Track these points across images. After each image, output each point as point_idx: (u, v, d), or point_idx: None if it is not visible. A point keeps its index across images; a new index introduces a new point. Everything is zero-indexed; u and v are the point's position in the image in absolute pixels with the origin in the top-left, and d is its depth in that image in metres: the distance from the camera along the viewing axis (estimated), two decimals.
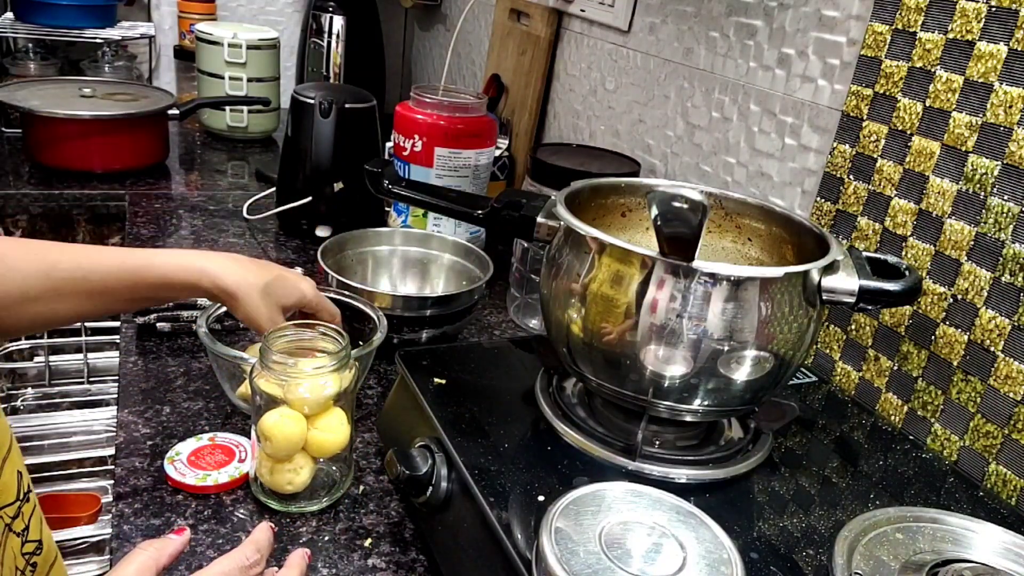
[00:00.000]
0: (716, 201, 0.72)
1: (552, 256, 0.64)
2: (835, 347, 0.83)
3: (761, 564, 0.53)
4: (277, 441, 0.64)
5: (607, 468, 0.60)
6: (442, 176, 1.10)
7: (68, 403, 1.34)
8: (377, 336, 0.79)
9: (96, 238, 1.37)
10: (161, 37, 1.97)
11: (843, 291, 0.58)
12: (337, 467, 0.70)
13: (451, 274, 1.02)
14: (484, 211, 0.70)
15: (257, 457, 0.67)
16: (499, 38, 1.54)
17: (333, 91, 1.19)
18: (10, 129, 1.56)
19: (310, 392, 0.64)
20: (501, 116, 1.49)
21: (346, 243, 0.99)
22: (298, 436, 0.65)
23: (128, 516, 0.64)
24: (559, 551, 0.44)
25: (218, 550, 0.62)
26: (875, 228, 0.79)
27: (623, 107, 1.23)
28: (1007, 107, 0.67)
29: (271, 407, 0.65)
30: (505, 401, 0.68)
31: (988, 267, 0.68)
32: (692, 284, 0.55)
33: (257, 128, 1.73)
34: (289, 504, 0.67)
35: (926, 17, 0.73)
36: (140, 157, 1.45)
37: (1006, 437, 0.67)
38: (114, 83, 1.58)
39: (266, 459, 0.66)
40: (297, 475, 0.66)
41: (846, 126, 0.82)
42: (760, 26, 0.95)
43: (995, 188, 0.68)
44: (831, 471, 0.65)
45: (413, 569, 0.63)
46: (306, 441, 0.66)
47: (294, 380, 0.64)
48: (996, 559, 0.53)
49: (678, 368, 0.57)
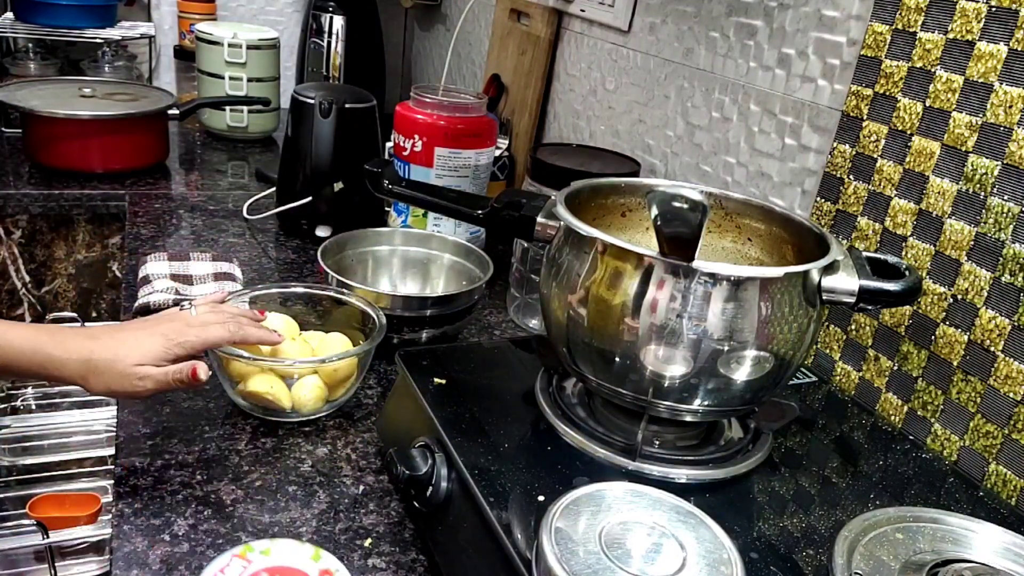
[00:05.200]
0: (716, 201, 0.72)
1: (552, 256, 0.64)
2: (835, 347, 0.83)
3: (761, 564, 0.53)
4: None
5: (607, 468, 0.60)
6: (442, 176, 1.10)
7: (68, 403, 1.34)
8: (376, 334, 0.79)
9: (96, 238, 1.37)
10: (161, 37, 1.97)
11: (843, 291, 0.58)
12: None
13: (451, 274, 1.02)
14: (484, 211, 0.71)
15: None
16: (499, 38, 1.54)
17: (333, 91, 1.19)
18: (10, 129, 1.56)
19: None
20: (501, 116, 1.49)
21: (346, 243, 0.99)
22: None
23: (128, 516, 0.64)
24: (559, 551, 0.44)
25: (218, 549, 0.62)
26: (875, 228, 0.79)
27: (623, 107, 1.23)
28: (1007, 107, 0.67)
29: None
30: (505, 401, 0.68)
31: (988, 267, 0.68)
32: (692, 284, 0.55)
33: (257, 128, 1.73)
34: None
35: (926, 17, 0.73)
36: (140, 157, 1.44)
37: (1006, 437, 0.67)
38: (114, 83, 1.58)
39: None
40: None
41: (846, 126, 0.82)
42: (760, 26, 0.95)
43: (995, 188, 0.68)
44: (831, 471, 0.65)
45: (413, 569, 0.63)
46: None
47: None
48: (996, 559, 0.53)
49: (678, 368, 0.57)
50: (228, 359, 0.76)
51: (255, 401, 0.77)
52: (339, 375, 0.78)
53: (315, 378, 0.77)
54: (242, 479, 0.70)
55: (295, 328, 0.83)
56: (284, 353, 0.78)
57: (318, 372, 0.78)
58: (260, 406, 0.77)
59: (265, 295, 0.87)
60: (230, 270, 1.05)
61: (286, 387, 0.76)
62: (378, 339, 0.79)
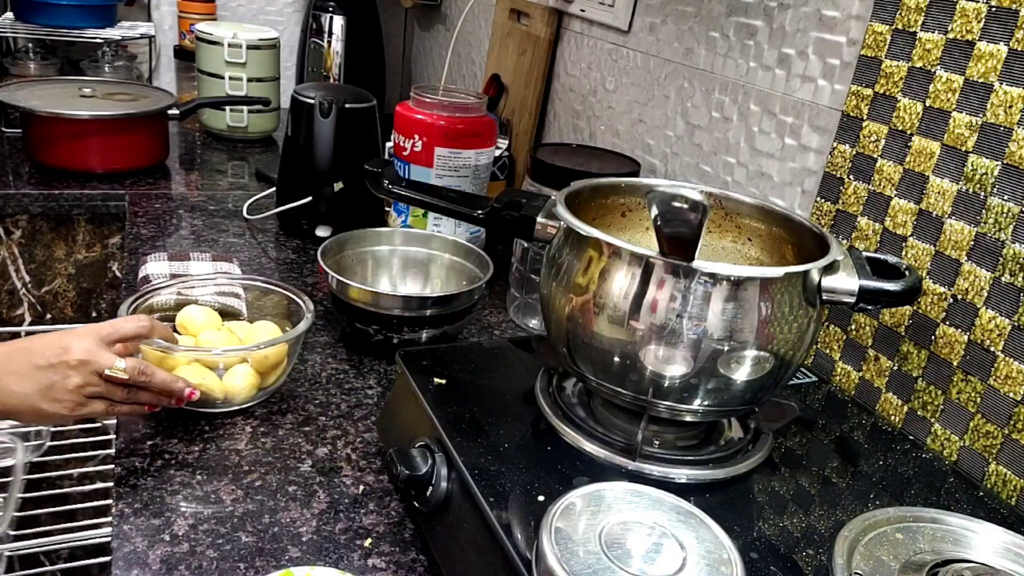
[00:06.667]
0: (716, 201, 0.72)
1: (552, 256, 0.64)
2: (835, 347, 0.83)
3: (761, 564, 0.53)
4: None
5: (607, 468, 0.60)
6: (442, 176, 1.10)
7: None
8: (303, 323, 0.81)
9: (96, 238, 1.37)
10: (161, 37, 1.97)
11: (843, 291, 0.58)
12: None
13: (451, 274, 1.02)
14: (484, 211, 0.71)
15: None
16: (499, 38, 1.54)
17: (333, 91, 1.19)
18: (10, 129, 1.56)
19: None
20: (501, 116, 1.49)
21: (346, 243, 0.99)
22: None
23: (128, 516, 0.64)
24: (559, 551, 0.44)
25: (218, 549, 0.62)
26: (875, 228, 0.79)
27: (623, 107, 1.23)
28: (1007, 107, 0.67)
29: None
30: (505, 401, 0.68)
31: (988, 267, 0.68)
32: (692, 284, 0.55)
33: (257, 128, 1.73)
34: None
35: (926, 17, 0.73)
36: (140, 157, 1.45)
37: (1006, 437, 0.67)
38: (114, 83, 1.58)
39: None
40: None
41: (846, 126, 0.82)
42: (760, 26, 0.95)
43: (995, 188, 0.68)
44: (831, 471, 0.65)
45: (413, 569, 0.63)
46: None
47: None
48: (996, 559, 0.53)
49: (678, 368, 0.57)
50: (156, 353, 0.76)
51: None
52: (269, 362, 0.79)
53: (245, 367, 0.78)
54: (242, 479, 0.70)
55: (217, 319, 0.84)
56: (211, 343, 0.79)
57: (248, 360, 0.79)
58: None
59: (189, 289, 0.88)
60: (230, 270, 1.05)
61: (217, 377, 0.77)
62: (307, 325, 0.80)
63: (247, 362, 0.78)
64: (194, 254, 1.07)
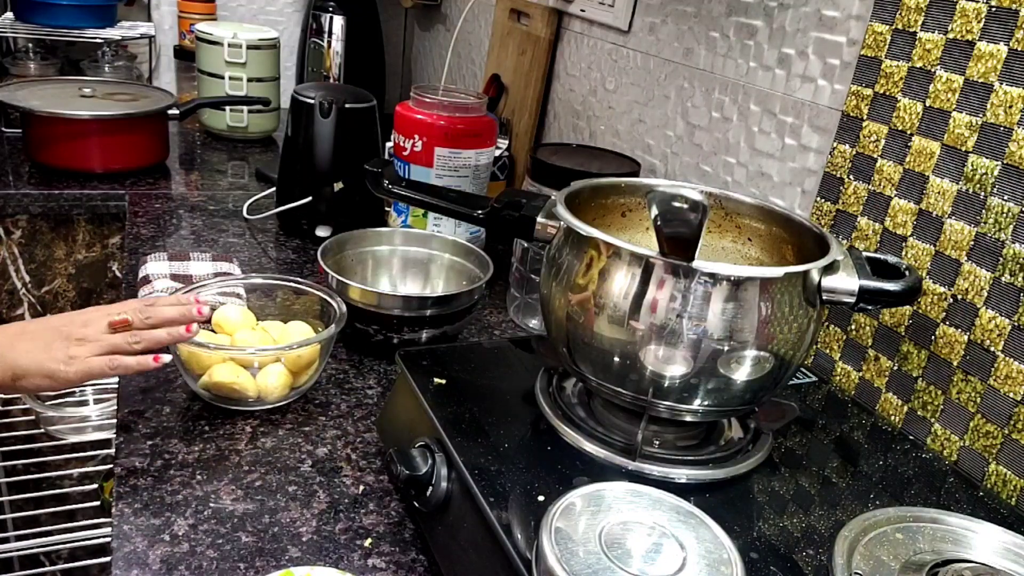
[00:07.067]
0: (716, 201, 0.72)
1: (552, 256, 0.64)
2: (835, 347, 0.83)
3: (761, 564, 0.53)
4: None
5: (607, 468, 0.60)
6: (442, 176, 1.10)
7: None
8: (336, 323, 0.81)
9: (96, 238, 1.37)
10: (161, 37, 1.97)
11: (843, 291, 0.58)
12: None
13: (451, 274, 1.02)
14: (484, 211, 0.71)
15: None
16: (499, 38, 1.54)
17: (333, 91, 1.19)
18: (10, 129, 1.56)
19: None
20: (501, 116, 1.49)
21: (346, 243, 0.99)
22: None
23: (128, 516, 0.64)
24: (559, 551, 0.44)
25: (218, 549, 0.62)
26: (875, 228, 0.79)
27: (623, 107, 1.23)
28: (1007, 107, 0.67)
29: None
30: (505, 401, 0.68)
31: (988, 267, 0.69)
32: (692, 284, 0.55)
33: (257, 128, 1.73)
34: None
35: (926, 17, 0.73)
36: (140, 157, 1.44)
37: (1006, 437, 0.67)
38: (114, 83, 1.58)
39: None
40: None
41: (846, 126, 0.82)
42: (760, 26, 0.95)
43: (995, 188, 0.68)
44: (831, 471, 0.65)
45: (413, 569, 0.63)
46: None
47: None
48: (996, 559, 0.53)
49: (678, 368, 0.57)
50: (191, 352, 0.77)
51: (220, 391, 0.78)
52: (302, 361, 0.80)
53: (279, 366, 0.79)
54: (242, 479, 0.70)
55: (252, 319, 0.85)
56: (245, 343, 0.80)
57: (281, 360, 0.79)
58: (223, 396, 0.78)
59: (225, 287, 0.89)
60: (230, 270, 1.05)
61: (251, 376, 0.78)
62: (340, 325, 0.81)
63: (280, 361, 0.79)
64: (194, 254, 1.07)
